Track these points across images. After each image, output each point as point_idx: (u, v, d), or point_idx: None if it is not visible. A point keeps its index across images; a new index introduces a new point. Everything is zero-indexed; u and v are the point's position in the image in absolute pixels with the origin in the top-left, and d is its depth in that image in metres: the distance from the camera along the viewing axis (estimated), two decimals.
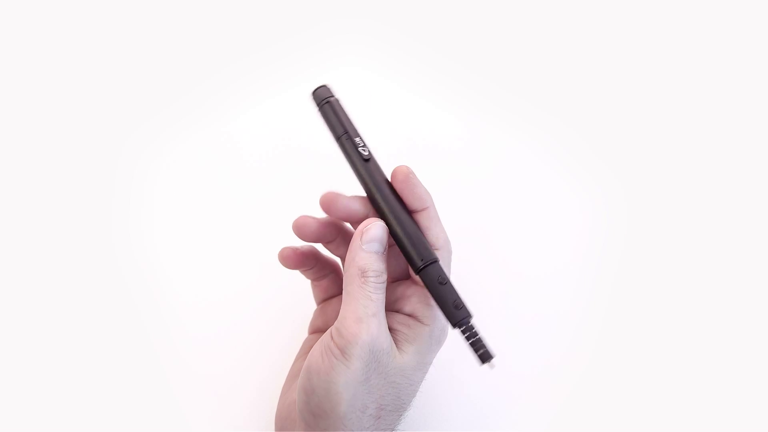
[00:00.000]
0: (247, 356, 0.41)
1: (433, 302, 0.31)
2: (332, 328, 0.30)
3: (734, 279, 0.45)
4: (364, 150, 0.32)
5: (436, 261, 0.31)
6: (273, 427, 0.35)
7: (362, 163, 0.32)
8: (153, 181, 0.54)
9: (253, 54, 0.61)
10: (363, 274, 0.30)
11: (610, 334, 0.43)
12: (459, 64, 0.60)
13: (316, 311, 0.38)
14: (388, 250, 0.33)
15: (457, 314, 0.30)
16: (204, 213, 0.51)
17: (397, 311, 0.33)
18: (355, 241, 0.31)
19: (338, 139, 0.33)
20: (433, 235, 0.32)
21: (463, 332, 0.30)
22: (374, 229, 0.30)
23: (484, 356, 0.30)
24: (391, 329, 0.31)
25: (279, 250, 0.35)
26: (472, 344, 0.30)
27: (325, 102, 0.33)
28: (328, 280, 0.37)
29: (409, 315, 0.32)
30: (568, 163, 0.54)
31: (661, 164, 0.54)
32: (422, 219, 0.32)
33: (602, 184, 0.52)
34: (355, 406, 0.28)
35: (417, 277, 0.32)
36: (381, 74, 0.59)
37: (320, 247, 0.36)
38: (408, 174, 0.31)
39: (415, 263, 0.31)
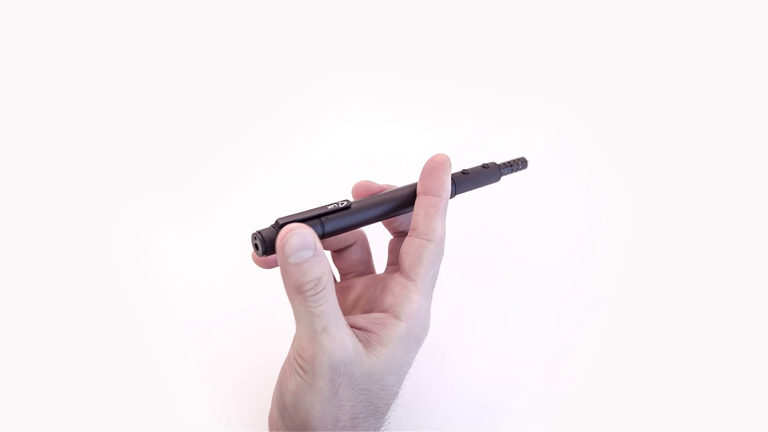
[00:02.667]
0: (243, 351, 0.41)
1: (413, 297, 0.30)
2: (295, 346, 0.29)
3: (733, 274, 0.46)
4: (339, 204, 0.31)
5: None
6: (266, 420, 0.35)
7: (349, 211, 0.31)
8: (152, 181, 0.54)
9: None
10: (298, 290, 0.27)
11: (612, 329, 0.43)
12: (444, 84, 0.67)
13: None
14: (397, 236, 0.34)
15: (490, 168, 0.35)
16: (203, 212, 0.52)
17: (373, 310, 0.31)
18: (279, 258, 0.27)
19: (319, 220, 0.30)
20: (431, 224, 0.30)
21: (503, 168, 0.36)
22: (292, 239, 0.26)
23: (523, 162, 0.37)
24: (364, 330, 0.30)
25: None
26: (512, 167, 0.36)
27: (275, 230, 0.29)
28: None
29: (386, 310, 0.30)
30: (567, 161, 0.54)
31: (659, 161, 0.54)
32: (428, 204, 0.30)
33: (601, 180, 0.53)
34: (326, 421, 0.28)
35: (405, 269, 0.30)
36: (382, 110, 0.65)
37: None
38: (443, 161, 0.31)
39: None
